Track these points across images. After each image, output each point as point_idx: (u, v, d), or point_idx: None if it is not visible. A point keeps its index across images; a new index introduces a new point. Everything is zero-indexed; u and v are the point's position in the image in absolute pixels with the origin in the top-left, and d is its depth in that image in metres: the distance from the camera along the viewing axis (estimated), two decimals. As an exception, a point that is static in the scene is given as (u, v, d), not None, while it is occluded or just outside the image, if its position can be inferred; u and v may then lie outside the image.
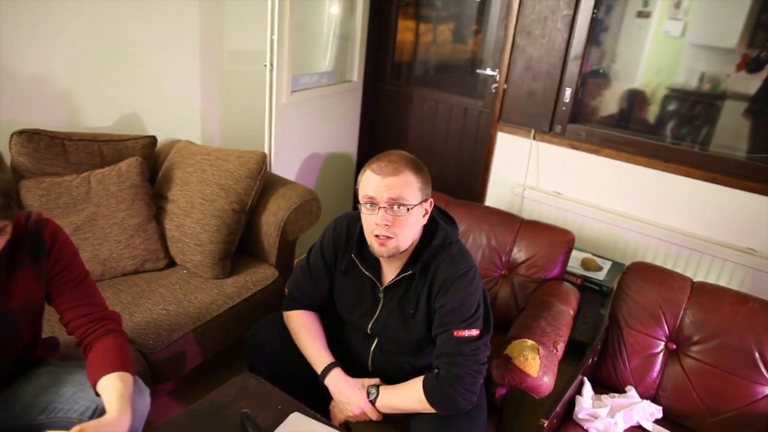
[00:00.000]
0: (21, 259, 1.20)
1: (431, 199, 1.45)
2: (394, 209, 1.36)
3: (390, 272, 1.51)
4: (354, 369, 1.58)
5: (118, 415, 1.09)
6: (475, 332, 1.40)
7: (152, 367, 1.70)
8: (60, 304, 1.27)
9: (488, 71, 2.96)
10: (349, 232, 1.55)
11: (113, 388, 1.15)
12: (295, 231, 2.23)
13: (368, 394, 1.49)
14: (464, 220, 2.19)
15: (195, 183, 2.15)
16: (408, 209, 1.36)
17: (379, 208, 1.36)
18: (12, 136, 1.98)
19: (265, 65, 2.43)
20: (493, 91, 2.89)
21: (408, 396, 1.44)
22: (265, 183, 2.26)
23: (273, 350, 1.61)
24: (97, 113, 2.36)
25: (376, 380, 1.53)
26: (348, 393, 1.48)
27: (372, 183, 1.37)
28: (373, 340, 1.59)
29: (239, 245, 2.23)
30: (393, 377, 1.56)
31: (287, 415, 1.36)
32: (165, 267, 2.12)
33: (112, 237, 1.99)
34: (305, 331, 1.58)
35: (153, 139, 2.33)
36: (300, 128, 2.81)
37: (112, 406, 1.11)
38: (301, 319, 1.60)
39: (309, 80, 2.81)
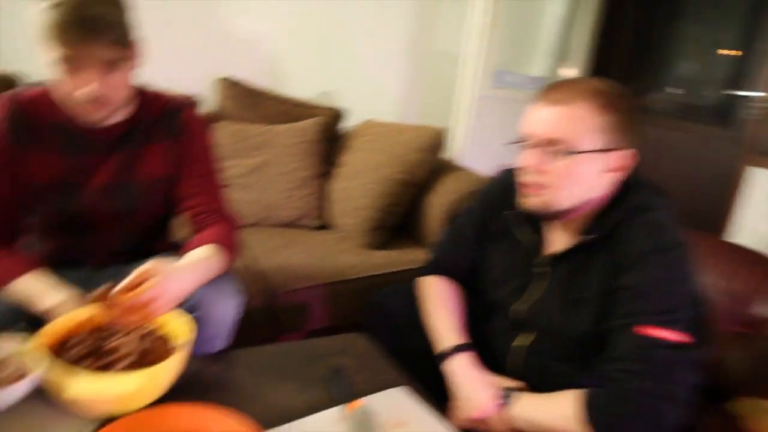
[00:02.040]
0: (156, 135, 1.14)
1: (628, 152, 0.99)
2: (550, 150, 0.97)
3: (557, 240, 1.10)
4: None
5: (175, 269, 0.93)
6: (673, 336, 0.90)
7: (273, 310, 1.54)
8: (182, 189, 1.17)
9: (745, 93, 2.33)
10: (507, 186, 1.18)
11: (191, 253, 1.01)
12: (462, 218, 1.93)
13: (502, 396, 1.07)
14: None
15: (367, 150, 2.03)
16: (570, 153, 0.95)
17: (532, 146, 0.99)
18: (217, 81, 2.12)
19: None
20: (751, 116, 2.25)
21: (558, 411, 0.99)
22: (441, 166, 2.03)
23: (400, 321, 1.28)
24: (298, 83, 2.43)
25: (519, 383, 1.10)
26: (472, 387, 1.08)
27: (531, 113, 1.00)
28: (518, 332, 1.16)
29: (403, 227, 2.01)
30: (542, 392, 1.11)
31: (389, 388, 1.04)
32: (319, 227, 2.01)
33: (279, 186, 1.96)
34: (437, 299, 1.23)
35: (339, 113, 2.30)
36: (497, 128, 2.53)
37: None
38: (435, 286, 1.26)
39: (514, 80, 2.55)
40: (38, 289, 0.99)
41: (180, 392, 0.87)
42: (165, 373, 0.83)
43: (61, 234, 1.16)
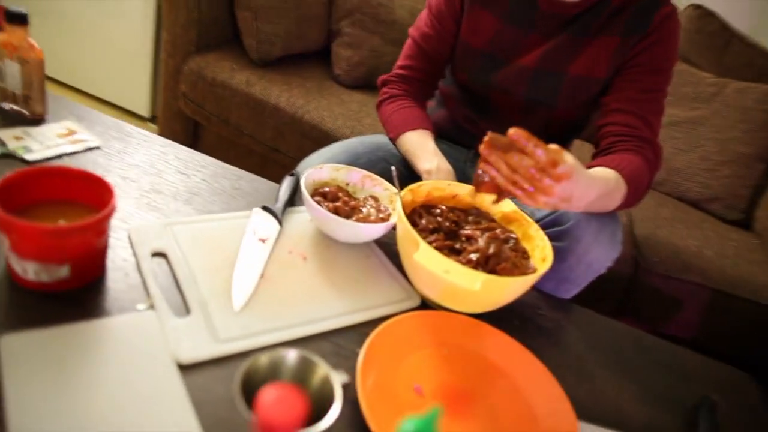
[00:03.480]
0: (613, 27, 0.92)
1: None
2: None
3: None
4: None
5: (586, 171, 0.68)
6: None
7: (632, 286, 1.24)
8: (611, 100, 0.94)
9: None
10: None
11: (596, 169, 0.80)
12: None
13: None
14: None
15: None
16: None
17: None
18: (687, 7, 1.73)
19: None
20: None
21: None
22: None
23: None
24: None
25: None
26: None
27: None
28: None
29: None
30: None
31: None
32: (733, 221, 1.53)
33: (703, 152, 1.54)
34: None
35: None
36: None
37: None
38: None
39: None
40: (422, 148, 0.96)
41: (500, 317, 0.73)
42: (501, 290, 0.68)
43: (462, 106, 1.10)
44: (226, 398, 0.52)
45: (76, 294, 0.57)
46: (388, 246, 0.82)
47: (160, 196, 0.77)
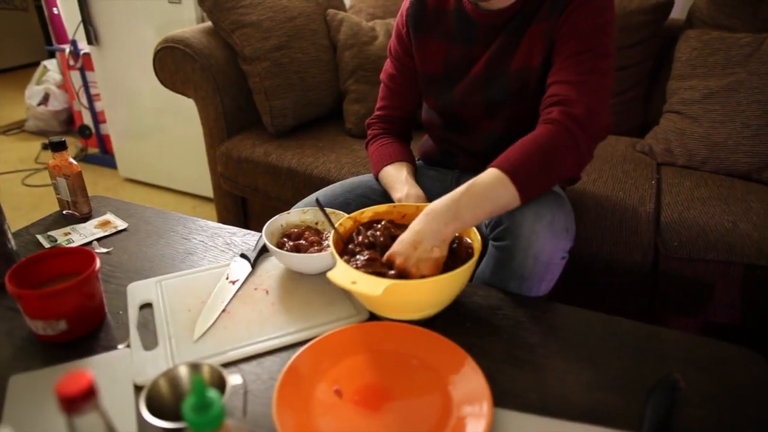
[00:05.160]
0: (539, 16, 0.96)
1: None
2: None
3: None
4: None
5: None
6: None
7: (661, 274, 1.17)
8: (549, 77, 0.95)
9: None
10: None
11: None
12: None
13: None
14: None
15: None
16: None
17: None
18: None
19: None
20: None
21: None
22: None
23: None
24: None
25: None
26: None
27: None
28: None
29: None
30: None
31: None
32: (792, 187, 1.36)
33: (744, 118, 1.41)
34: None
35: None
36: None
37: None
38: None
39: None
40: (395, 179, 1.05)
41: (452, 322, 0.79)
42: (410, 293, 0.73)
43: (440, 130, 1.17)
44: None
45: (76, 340, 0.75)
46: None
47: (161, 259, 0.95)
